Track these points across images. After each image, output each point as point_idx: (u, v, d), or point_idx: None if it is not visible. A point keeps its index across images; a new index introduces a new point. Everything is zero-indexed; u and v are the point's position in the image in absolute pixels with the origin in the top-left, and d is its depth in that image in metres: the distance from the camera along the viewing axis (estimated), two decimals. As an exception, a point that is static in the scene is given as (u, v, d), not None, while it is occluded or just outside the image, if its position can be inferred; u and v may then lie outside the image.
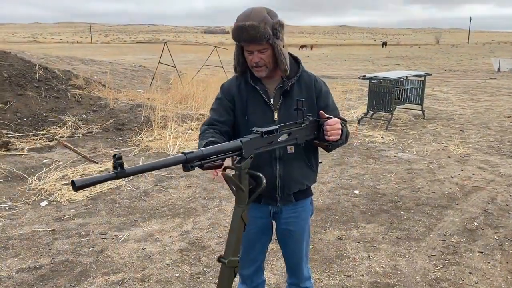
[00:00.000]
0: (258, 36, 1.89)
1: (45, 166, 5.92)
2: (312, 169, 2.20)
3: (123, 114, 8.44)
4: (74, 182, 1.30)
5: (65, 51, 28.97)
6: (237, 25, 1.93)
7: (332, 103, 2.18)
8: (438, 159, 6.54)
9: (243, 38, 1.92)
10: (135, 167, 1.42)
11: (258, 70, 2.02)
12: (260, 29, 1.88)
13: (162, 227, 4.21)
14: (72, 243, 3.87)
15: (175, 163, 1.49)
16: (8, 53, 9.46)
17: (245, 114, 2.09)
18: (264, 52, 1.97)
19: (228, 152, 1.66)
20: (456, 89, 15.19)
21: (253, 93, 2.08)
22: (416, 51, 50.85)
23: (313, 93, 2.13)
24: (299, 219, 2.24)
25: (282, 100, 2.07)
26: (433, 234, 4.07)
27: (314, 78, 2.17)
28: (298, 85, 2.11)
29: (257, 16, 1.90)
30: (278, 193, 2.13)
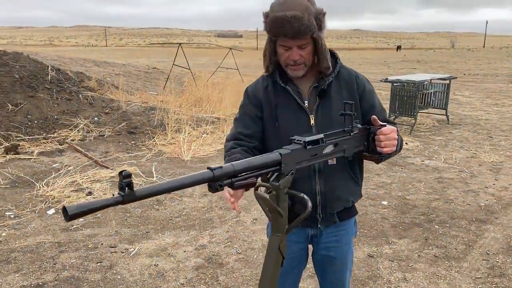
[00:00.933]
0: (302, 29, 1.56)
1: (54, 171, 5.66)
2: (357, 182, 1.85)
3: (136, 117, 8.17)
4: (66, 209, 0.98)
5: (79, 54, 28.99)
6: (275, 16, 1.57)
7: (378, 104, 1.82)
8: (469, 167, 6.12)
9: (284, 32, 1.57)
10: (147, 189, 1.09)
11: (295, 69, 1.69)
12: (304, 20, 1.55)
13: (176, 240, 3.88)
14: (79, 257, 3.56)
15: (199, 181, 1.16)
16: (20, 54, 9.27)
17: (276, 121, 1.76)
18: (305, 48, 1.64)
19: (265, 167, 1.32)
20: (479, 93, 14.66)
21: (284, 95, 1.75)
22: (432, 54, 49.98)
23: (355, 92, 1.77)
24: (341, 243, 1.89)
25: (318, 101, 1.73)
26: (475, 252, 3.67)
27: (355, 74, 1.82)
28: (337, 83, 1.76)
29: (299, 4, 1.56)
30: (319, 213, 1.79)
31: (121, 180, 1.04)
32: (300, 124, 1.73)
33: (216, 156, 6.63)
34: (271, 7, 1.62)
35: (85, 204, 1.00)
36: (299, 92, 1.75)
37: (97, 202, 1.02)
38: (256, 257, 3.57)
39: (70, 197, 4.81)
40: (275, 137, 1.76)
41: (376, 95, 1.85)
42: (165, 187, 1.11)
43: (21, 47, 52.43)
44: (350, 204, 1.84)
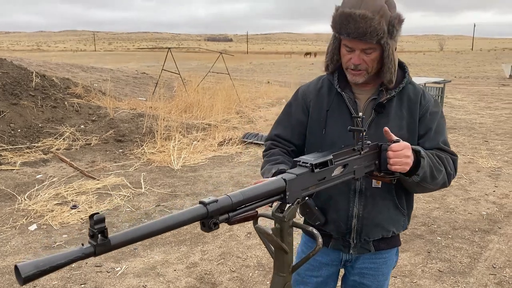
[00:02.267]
0: (369, 32, 1.40)
1: (37, 183, 5.39)
2: (402, 212, 1.64)
3: (124, 124, 7.91)
4: (19, 269, 0.76)
5: (67, 59, 28.56)
6: (343, 11, 1.43)
7: (437, 127, 1.58)
8: (467, 173, 5.97)
9: (347, 30, 1.43)
10: (125, 235, 0.87)
11: (355, 74, 1.52)
12: (373, 22, 1.39)
13: (166, 257, 3.65)
14: (62, 278, 3.32)
15: (190, 220, 0.95)
16: (3, 60, 8.97)
17: (324, 127, 1.60)
18: (370, 54, 1.47)
19: (267, 197, 1.11)
20: (471, 96, 14.63)
21: (338, 102, 1.60)
22: (422, 58, 50.22)
23: (416, 112, 1.57)
24: (378, 273, 1.69)
25: (374, 116, 1.56)
26: (480, 266, 3.50)
27: (422, 92, 1.61)
28: (399, 99, 1.58)
29: (373, 4, 1.40)
30: (353, 238, 1.61)
31: (92, 225, 0.82)
32: (349, 136, 1.51)
33: (207, 165, 6.41)
34: (342, 2, 1.48)
35: (45, 260, 0.78)
36: (355, 101, 1.59)
37: (61, 257, 0.80)
38: (251, 276, 3.36)
39: (53, 211, 4.56)
40: (320, 145, 1.59)
41: (441, 119, 1.62)
42: (147, 231, 0.89)
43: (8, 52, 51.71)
44: (390, 235, 1.64)
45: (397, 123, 1.54)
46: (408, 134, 1.55)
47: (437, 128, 1.59)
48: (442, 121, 1.63)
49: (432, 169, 1.47)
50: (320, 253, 1.67)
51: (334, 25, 1.48)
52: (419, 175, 1.44)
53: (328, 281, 1.74)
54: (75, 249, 0.83)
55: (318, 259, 1.71)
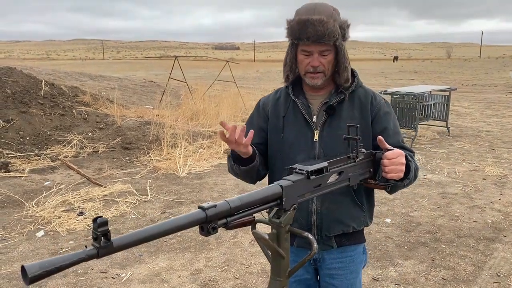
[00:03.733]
0: (326, 34, 1.52)
1: (45, 190, 5.47)
2: (362, 209, 1.71)
3: (131, 132, 7.99)
4: (25, 269, 0.80)
5: (76, 68, 28.91)
6: (300, 18, 1.55)
7: (394, 127, 1.68)
8: (473, 181, 5.96)
9: (307, 35, 1.53)
10: (127, 237, 0.92)
11: (314, 77, 1.62)
12: (329, 25, 1.52)
13: (170, 263, 3.69)
14: (68, 284, 3.36)
15: (190, 224, 1.00)
16: (13, 68, 9.12)
17: (281, 133, 1.71)
18: (326, 56, 1.59)
19: (264, 203, 1.15)
20: (478, 104, 14.58)
21: (293, 108, 1.72)
22: (429, 65, 50.18)
23: (368, 113, 1.66)
24: (346, 271, 1.74)
25: (325, 118, 1.66)
26: (485, 274, 3.49)
27: (372, 94, 1.71)
28: (351, 102, 1.68)
29: (325, 11, 1.56)
30: (314, 233, 1.67)
31: (95, 228, 0.87)
32: (304, 138, 1.67)
33: (213, 172, 6.45)
34: (296, 12, 1.60)
35: (50, 261, 0.82)
36: (308, 106, 1.70)
37: (66, 258, 0.84)
38: (254, 282, 3.38)
39: (60, 217, 4.62)
40: (279, 150, 1.72)
41: (393, 118, 1.73)
42: (148, 235, 0.93)
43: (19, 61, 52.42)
44: (350, 230, 1.71)
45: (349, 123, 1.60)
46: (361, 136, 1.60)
47: (394, 128, 1.68)
48: (396, 121, 1.74)
49: (415, 171, 1.56)
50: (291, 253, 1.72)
51: (293, 33, 1.58)
52: (410, 178, 1.49)
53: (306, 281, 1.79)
54: (79, 251, 0.87)
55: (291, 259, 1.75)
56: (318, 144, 1.65)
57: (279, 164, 1.71)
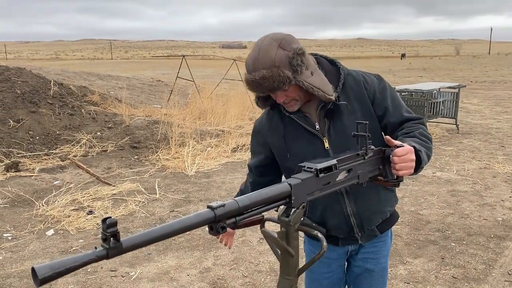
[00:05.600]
0: (275, 86, 1.47)
1: (55, 189, 5.51)
2: (391, 189, 1.72)
3: (139, 131, 8.03)
4: (35, 271, 0.80)
5: (85, 67, 29.08)
6: (246, 78, 1.52)
7: (392, 102, 1.63)
8: (483, 179, 5.90)
9: (258, 92, 1.55)
10: (136, 238, 0.92)
11: (288, 106, 1.60)
12: (274, 76, 1.44)
13: (179, 262, 3.70)
14: (78, 282, 3.39)
15: (198, 224, 0.99)
16: (22, 69, 9.20)
17: (286, 152, 1.66)
18: (287, 90, 1.52)
19: (273, 201, 1.14)
20: (487, 101, 14.44)
21: (291, 124, 1.65)
22: (437, 62, 49.80)
23: (366, 99, 1.61)
24: (379, 255, 1.78)
25: (328, 122, 1.60)
26: (495, 272, 3.46)
27: (362, 78, 1.65)
28: (345, 96, 1.61)
29: (266, 62, 1.45)
30: (357, 232, 1.69)
31: (104, 229, 0.87)
32: (314, 149, 1.61)
33: (221, 171, 6.46)
34: (246, 64, 1.55)
35: (60, 262, 0.83)
36: (306, 116, 1.63)
37: (76, 259, 0.84)
38: (263, 281, 3.38)
39: (70, 216, 4.65)
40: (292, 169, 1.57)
41: (390, 91, 1.66)
42: (157, 235, 0.93)
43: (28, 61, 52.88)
44: (388, 215, 1.75)
45: (352, 118, 1.58)
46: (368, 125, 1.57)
47: (393, 103, 1.63)
48: (393, 92, 1.67)
49: (428, 153, 1.51)
50: (329, 250, 1.71)
51: (249, 89, 1.56)
52: (422, 168, 1.48)
53: (339, 276, 1.83)
54: (89, 252, 0.87)
55: (328, 255, 1.77)
56: (331, 150, 1.60)
57: None
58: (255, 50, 1.51)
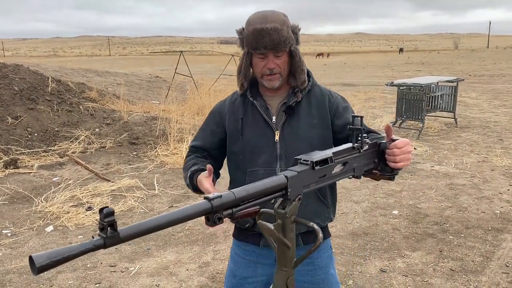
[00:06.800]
0: (282, 41, 1.57)
1: (54, 185, 5.52)
2: (325, 205, 1.74)
3: (138, 128, 8.03)
4: (33, 259, 0.80)
5: (83, 64, 29.04)
6: (255, 28, 1.58)
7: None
8: (481, 172, 5.92)
9: (263, 44, 1.57)
10: (133, 228, 0.92)
11: (271, 79, 1.65)
12: (283, 32, 1.57)
13: (179, 257, 3.71)
14: (77, 278, 3.40)
15: (195, 215, 1.00)
16: (20, 66, 9.18)
17: (240, 134, 1.72)
18: (280, 57, 1.62)
19: (269, 193, 1.15)
20: (486, 94, 14.45)
21: (252, 110, 1.73)
22: (436, 56, 49.75)
23: (326, 111, 1.72)
24: (315, 267, 1.76)
25: (285, 118, 1.69)
26: (493, 265, 3.48)
27: (328, 93, 1.76)
28: (307, 101, 1.72)
29: (277, 18, 1.59)
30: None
31: (102, 219, 0.87)
32: (265, 139, 1.69)
33: (220, 166, 6.46)
34: (247, 22, 1.62)
35: (58, 251, 0.83)
36: (267, 107, 1.71)
37: (73, 248, 0.85)
38: (262, 275, 3.39)
39: (69, 212, 4.66)
40: (240, 152, 1.72)
41: (352, 112, 1.76)
42: (154, 225, 0.94)
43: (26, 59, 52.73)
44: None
45: (308, 122, 1.68)
46: (320, 130, 1.69)
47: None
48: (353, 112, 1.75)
49: None
50: (253, 253, 1.75)
51: (249, 43, 1.60)
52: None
53: (265, 281, 1.76)
54: (86, 241, 0.88)
55: (252, 259, 1.76)
56: (279, 144, 1.67)
57: (243, 166, 1.72)
58: (261, 12, 1.61)
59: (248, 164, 1.70)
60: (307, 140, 1.66)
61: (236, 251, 1.84)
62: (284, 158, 1.67)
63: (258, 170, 1.69)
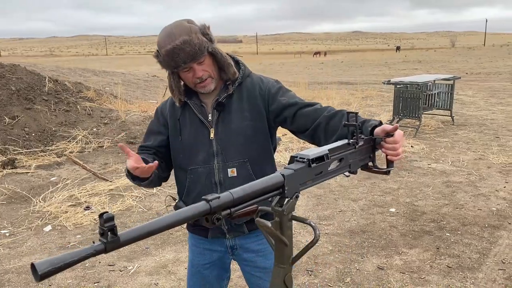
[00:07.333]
0: (196, 50, 1.58)
1: (52, 185, 5.52)
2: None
3: (135, 127, 8.03)
4: (35, 267, 0.81)
5: (80, 64, 28.97)
6: (166, 50, 1.58)
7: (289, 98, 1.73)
8: (478, 169, 5.95)
9: (181, 61, 1.59)
10: (133, 232, 0.93)
11: (204, 85, 1.68)
12: (194, 40, 1.57)
13: (177, 256, 3.73)
14: (76, 277, 3.41)
15: (194, 216, 1.01)
16: (16, 65, 9.16)
17: (179, 135, 1.77)
18: (203, 63, 1.64)
19: (267, 192, 1.16)
20: (482, 92, 14.49)
21: (188, 110, 1.76)
22: (433, 54, 49.85)
23: (258, 101, 1.73)
24: (266, 251, 1.84)
25: (217, 114, 1.72)
26: (489, 261, 3.50)
27: (259, 81, 1.78)
28: (239, 94, 1.74)
29: (183, 31, 1.58)
30: (223, 224, 1.75)
31: (102, 224, 0.87)
32: (201, 137, 1.73)
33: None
34: (158, 45, 1.63)
35: (59, 258, 0.83)
36: (201, 106, 1.74)
37: (74, 254, 0.85)
38: (260, 273, 3.41)
39: (67, 212, 4.67)
40: (180, 151, 1.77)
41: (287, 90, 1.77)
42: (154, 228, 0.95)
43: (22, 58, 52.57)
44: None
45: (240, 116, 1.71)
46: (252, 123, 1.71)
47: (290, 99, 1.72)
48: (288, 91, 1.78)
49: None
50: (204, 243, 1.84)
51: (168, 65, 1.62)
52: None
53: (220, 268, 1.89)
54: (87, 247, 0.89)
55: (207, 247, 1.85)
56: (214, 141, 1.71)
57: (184, 165, 1.76)
58: (166, 29, 1.61)
59: (188, 163, 1.74)
60: (241, 133, 1.69)
61: (192, 242, 1.92)
62: (221, 154, 1.71)
63: (198, 168, 1.74)
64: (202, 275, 1.88)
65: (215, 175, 1.71)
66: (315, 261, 3.57)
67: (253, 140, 1.72)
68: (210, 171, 1.73)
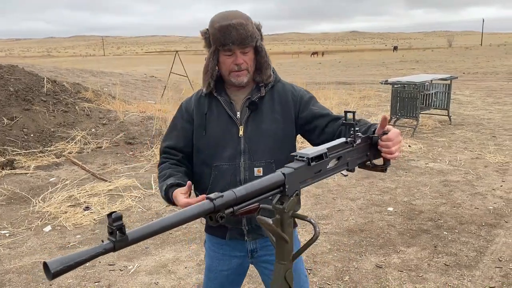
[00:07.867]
0: (248, 36, 1.62)
1: (51, 186, 5.53)
2: None
3: (134, 127, 8.05)
4: (48, 266, 0.83)
5: (78, 64, 28.95)
6: (220, 25, 1.61)
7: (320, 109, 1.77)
8: (475, 169, 5.99)
9: (231, 39, 1.61)
10: (140, 230, 0.95)
11: (239, 75, 1.69)
12: (249, 27, 1.63)
13: (177, 255, 3.75)
14: (76, 277, 3.43)
15: (199, 214, 1.03)
16: (15, 66, 9.16)
17: (204, 129, 1.75)
18: (247, 53, 1.68)
19: (268, 190, 1.19)
20: (479, 92, 14.55)
21: (216, 105, 1.76)
22: (430, 54, 49.95)
23: (290, 106, 1.77)
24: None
25: (249, 113, 1.73)
26: (486, 259, 3.54)
27: (291, 88, 1.81)
28: (270, 96, 1.77)
29: (241, 15, 1.64)
30: (244, 224, 1.75)
31: (111, 223, 0.90)
32: (229, 134, 1.73)
33: (216, 165, 6.50)
34: (212, 22, 1.66)
35: (70, 257, 0.86)
36: (231, 103, 1.75)
37: (85, 253, 0.88)
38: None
39: (66, 212, 4.68)
40: (205, 147, 1.75)
41: (316, 101, 1.83)
42: (160, 226, 0.97)
43: (20, 59, 52.42)
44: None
45: (271, 117, 1.73)
46: (283, 125, 1.74)
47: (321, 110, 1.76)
48: (319, 103, 1.82)
49: None
50: (222, 246, 1.83)
51: (216, 40, 1.63)
52: None
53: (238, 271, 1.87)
54: (96, 246, 0.91)
55: (226, 253, 1.84)
56: (243, 139, 1.71)
57: (208, 161, 1.74)
58: (223, 12, 1.65)
59: (213, 159, 1.73)
60: (270, 135, 1.71)
61: (209, 246, 1.92)
62: (248, 152, 1.71)
63: (223, 165, 1.72)
64: (220, 281, 1.87)
65: (241, 173, 1.71)
66: (314, 259, 3.60)
67: (281, 143, 1.74)
68: (236, 168, 1.71)
